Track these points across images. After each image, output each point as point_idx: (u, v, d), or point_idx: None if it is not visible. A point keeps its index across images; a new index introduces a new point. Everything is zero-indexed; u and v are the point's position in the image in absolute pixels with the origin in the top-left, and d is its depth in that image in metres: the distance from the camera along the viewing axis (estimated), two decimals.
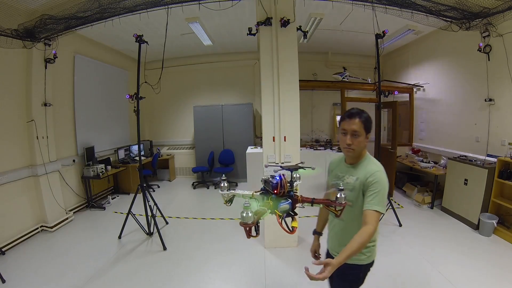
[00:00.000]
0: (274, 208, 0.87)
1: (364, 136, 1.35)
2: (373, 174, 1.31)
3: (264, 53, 3.06)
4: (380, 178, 1.29)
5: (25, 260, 3.10)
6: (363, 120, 1.34)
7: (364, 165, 1.38)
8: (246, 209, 0.78)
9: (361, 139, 1.34)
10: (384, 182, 1.30)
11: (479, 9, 3.06)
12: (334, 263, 1.04)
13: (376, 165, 1.37)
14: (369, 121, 1.37)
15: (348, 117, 1.36)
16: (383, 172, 1.33)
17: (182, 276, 2.78)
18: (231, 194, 0.99)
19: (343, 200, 0.88)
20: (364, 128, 1.34)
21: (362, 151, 1.41)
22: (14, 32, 3.09)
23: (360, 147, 1.36)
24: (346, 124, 1.36)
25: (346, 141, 1.36)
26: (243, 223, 0.77)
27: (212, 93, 7.00)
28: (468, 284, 2.52)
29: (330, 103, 6.99)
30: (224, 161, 6.26)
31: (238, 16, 4.31)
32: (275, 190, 0.88)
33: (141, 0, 3.05)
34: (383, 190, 1.28)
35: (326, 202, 0.91)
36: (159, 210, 3.92)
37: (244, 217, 0.77)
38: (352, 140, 1.34)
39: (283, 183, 0.88)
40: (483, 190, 3.53)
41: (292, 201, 0.91)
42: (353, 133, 1.33)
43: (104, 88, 5.57)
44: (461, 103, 4.43)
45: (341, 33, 5.15)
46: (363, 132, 1.34)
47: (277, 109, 3.07)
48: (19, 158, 3.62)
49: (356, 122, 1.34)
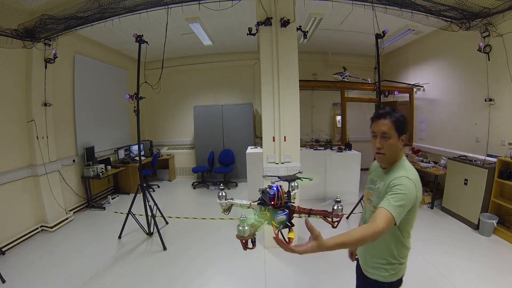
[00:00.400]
0: (271, 219, 0.87)
1: (396, 138, 1.20)
2: (398, 178, 1.16)
3: (264, 53, 3.06)
4: (404, 183, 1.13)
5: (25, 260, 3.10)
6: (394, 120, 1.20)
7: (395, 170, 1.24)
8: (242, 222, 0.78)
9: (392, 142, 1.20)
10: (407, 188, 1.12)
11: (479, 9, 3.06)
12: (322, 242, 0.91)
13: (406, 170, 1.21)
14: (400, 121, 1.21)
15: (377, 118, 1.24)
16: (412, 180, 1.15)
17: (182, 276, 2.78)
18: (229, 203, 1.01)
19: (339, 212, 0.89)
20: (396, 129, 1.20)
21: (397, 155, 1.25)
22: (14, 32, 3.09)
23: (392, 150, 1.22)
24: (375, 125, 1.24)
25: (376, 144, 1.23)
26: (239, 236, 0.78)
27: (212, 93, 7.00)
28: (468, 284, 2.52)
29: (330, 103, 6.99)
30: (224, 161, 6.26)
31: (238, 16, 4.31)
32: (272, 201, 0.88)
33: (141, 0, 3.05)
34: (404, 196, 1.10)
35: (323, 213, 0.91)
36: (159, 210, 3.92)
37: (240, 230, 0.78)
38: (382, 143, 1.21)
39: (280, 195, 0.89)
40: (483, 190, 3.53)
41: (289, 212, 0.91)
42: (382, 135, 1.21)
43: (104, 88, 5.57)
44: (461, 103, 4.43)
45: (341, 33, 5.15)
46: (395, 133, 1.20)
47: (277, 109, 3.07)
48: (19, 158, 3.62)
49: (386, 123, 1.20)
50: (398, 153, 1.25)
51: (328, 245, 0.94)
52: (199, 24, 4.47)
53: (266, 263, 2.97)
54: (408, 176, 1.16)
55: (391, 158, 1.25)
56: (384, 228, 1.03)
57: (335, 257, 3.14)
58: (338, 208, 0.88)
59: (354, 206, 4.06)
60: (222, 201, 1.00)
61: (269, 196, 0.89)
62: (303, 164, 3.27)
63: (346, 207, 4.99)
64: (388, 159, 1.26)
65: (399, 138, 1.22)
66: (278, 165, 3.13)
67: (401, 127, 1.21)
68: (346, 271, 2.82)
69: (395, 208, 1.07)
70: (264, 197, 0.92)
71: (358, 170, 4.76)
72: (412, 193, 1.13)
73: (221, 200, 1.00)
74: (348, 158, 4.73)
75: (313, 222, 0.92)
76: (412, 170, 1.23)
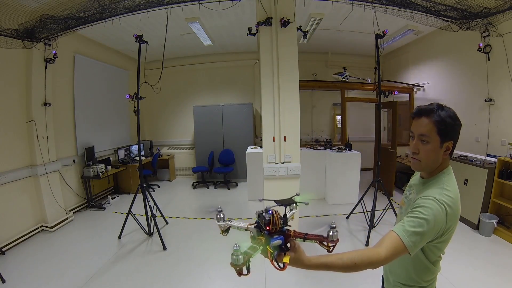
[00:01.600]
0: (266, 244, 0.87)
1: (437, 143, 0.96)
2: (425, 198, 0.95)
3: (264, 53, 3.06)
4: (429, 205, 0.91)
5: (25, 260, 3.10)
6: (437, 120, 0.95)
7: (431, 185, 1.01)
8: (235, 252, 0.80)
9: (431, 148, 0.97)
10: (432, 213, 0.90)
11: (479, 9, 3.06)
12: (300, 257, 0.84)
13: (442, 189, 0.96)
14: (447, 122, 0.95)
15: (416, 115, 1.01)
16: (442, 203, 0.92)
17: (182, 276, 2.78)
18: (227, 225, 1.02)
19: (335, 238, 0.87)
20: (438, 132, 0.95)
21: (437, 164, 1.01)
22: (14, 32, 3.09)
23: (430, 158, 0.99)
24: (414, 124, 1.02)
25: (411, 146, 1.02)
26: (233, 265, 0.79)
27: (212, 93, 7.00)
28: (468, 284, 2.52)
29: (330, 103, 6.99)
30: (224, 161, 6.26)
31: (238, 16, 4.32)
32: (267, 227, 0.89)
33: (141, 0, 3.05)
34: (424, 222, 0.89)
35: (318, 238, 0.90)
36: (159, 210, 3.92)
37: (234, 259, 0.79)
38: (419, 147, 0.99)
39: (276, 220, 0.89)
40: (483, 190, 3.53)
41: (284, 236, 0.91)
42: (420, 137, 0.99)
43: (104, 88, 5.57)
44: (461, 103, 4.43)
45: (341, 33, 5.16)
46: (436, 137, 0.96)
47: (277, 109, 3.07)
48: (19, 158, 3.62)
49: (426, 123, 0.97)
50: (439, 163, 1.01)
51: (310, 263, 0.85)
52: (199, 24, 4.47)
53: (266, 263, 2.96)
54: (439, 198, 0.93)
55: (429, 167, 1.02)
56: (387, 258, 0.87)
57: None
58: (333, 234, 0.87)
59: (354, 206, 4.06)
60: (221, 223, 1.02)
61: (264, 222, 0.90)
62: (303, 164, 3.28)
63: (346, 207, 4.98)
64: (424, 168, 1.03)
65: (441, 145, 0.97)
66: (278, 165, 3.13)
67: (446, 131, 0.95)
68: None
69: (409, 235, 0.88)
70: (260, 221, 0.93)
71: (358, 170, 4.76)
72: (438, 220, 0.90)
73: (219, 222, 1.02)
74: (348, 158, 4.73)
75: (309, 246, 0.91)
76: (450, 189, 0.97)
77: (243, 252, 0.82)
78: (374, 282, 2.54)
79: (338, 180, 4.73)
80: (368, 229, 3.46)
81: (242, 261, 0.80)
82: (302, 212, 4.17)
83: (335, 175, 4.73)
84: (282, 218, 0.92)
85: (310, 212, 4.41)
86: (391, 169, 5.01)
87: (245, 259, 0.81)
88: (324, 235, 0.89)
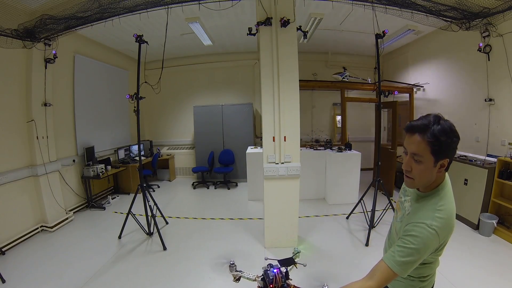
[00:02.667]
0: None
1: (431, 163, 0.90)
2: (416, 224, 0.92)
3: (264, 53, 3.06)
4: (419, 234, 0.90)
5: (25, 260, 3.10)
6: (431, 139, 0.87)
7: (425, 204, 0.98)
8: None
9: (424, 168, 0.91)
10: (422, 242, 0.89)
11: (479, 9, 3.06)
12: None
13: (434, 210, 0.93)
14: (441, 141, 0.87)
15: (409, 131, 0.94)
16: (434, 229, 0.89)
17: (182, 276, 2.78)
18: (238, 275, 1.23)
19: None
20: (432, 152, 0.88)
21: (431, 181, 0.97)
22: (14, 32, 3.09)
23: (423, 178, 0.95)
24: (406, 140, 0.96)
25: (404, 163, 0.98)
26: None
27: (212, 93, 7.00)
28: (468, 284, 2.52)
29: (330, 103, 7.00)
30: (224, 161, 6.26)
31: (238, 16, 4.32)
32: (271, 285, 1.08)
33: (141, 0, 3.05)
34: (414, 252, 0.89)
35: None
36: (159, 210, 3.92)
37: None
38: (411, 165, 0.94)
39: (278, 280, 1.08)
40: (483, 190, 3.53)
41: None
42: (413, 155, 0.93)
43: (104, 88, 5.57)
44: (461, 103, 4.43)
45: (341, 33, 5.16)
46: (429, 157, 0.89)
47: (277, 109, 3.07)
48: (19, 158, 3.62)
49: (418, 140, 0.90)
50: (433, 179, 0.97)
51: None
52: (199, 24, 4.47)
53: (266, 263, 2.96)
54: (430, 224, 0.90)
55: (423, 184, 0.99)
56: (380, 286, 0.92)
57: (336, 256, 3.15)
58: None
59: (354, 206, 4.06)
60: (233, 273, 1.24)
61: (268, 280, 1.09)
62: (303, 164, 3.28)
63: (346, 207, 4.97)
64: (418, 185, 1.00)
65: (435, 164, 0.91)
66: (278, 165, 3.13)
67: (440, 150, 0.88)
68: (346, 270, 2.83)
69: (399, 265, 0.91)
70: (265, 277, 1.13)
71: (358, 170, 4.76)
72: (429, 245, 0.90)
73: (232, 271, 1.24)
74: (348, 158, 4.74)
75: None
76: (443, 208, 0.94)
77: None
78: None
79: (338, 180, 4.73)
80: (368, 229, 3.46)
81: None
82: (302, 212, 4.17)
83: (335, 175, 4.74)
84: (283, 277, 1.11)
85: (310, 212, 4.41)
86: (391, 169, 5.01)
87: None
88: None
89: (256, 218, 4.22)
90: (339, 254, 3.14)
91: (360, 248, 3.27)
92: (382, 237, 3.60)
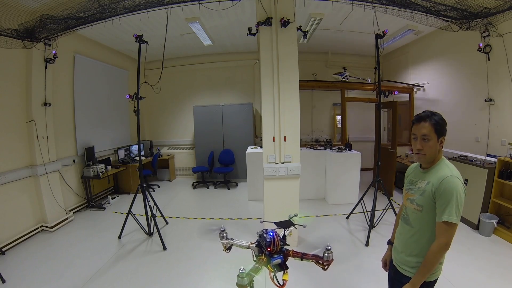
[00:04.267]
0: (267, 263, 0.97)
1: (435, 139, 1.29)
2: (445, 180, 1.23)
3: (264, 53, 3.06)
4: (452, 184, 1.21)
5: (25, 260, 3.10)
6: (433, 123, 1.29)
7: (437, 169, 1.32)
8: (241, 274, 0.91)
9: (432, 143, 1.29)
10: (456, 188, 1.20)
11: (479, 9, 3.06)
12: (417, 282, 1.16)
13: (449, 169, 1.29)
14: (440, 123, 1.30)
15: (417, 121, 1.33)
16: (456, 177, 1.23)
17: (182, 276, 2.78)
18: (229, 243, 1.13)
19: (329, 258, 0.99)
20: (435, 132, 1.29)
21: (436, 155, 1.34)
22: (14, 32, 3.09)
23: (432, 151, 1.31)
24: (416, 128, 1.33)
25: (416, 146, 1.33)
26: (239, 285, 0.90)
27: (212, 93, 7.00)
28: (468, 284, 2.52)
29: (330, 103, 6.99)
30: (224, 161, 6.26)
31: (238, 16, 4.32)
32: (268, 248, 0.98)
33: (141, 0, 3.05)
34: (456, 198, 1.20)
35: (315, 258, 1.00)
36: (159, 210, 3.92)
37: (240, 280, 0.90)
38: (423, 145, 1.31)
39: (276, 242, 0.98)
40: (483, 190, 3.53)
41: (284, 256, 1.01)
42: (423, 137, 1.30)
43: (104, 88, 5.57)
44: (461, 103, 4.43)
45: (341, 33, 5.15)
46: (434, 135, 1.29)
47: (277, 109, 3.07)
48: (19, 158, 3.62)
49: (426, 125, 1.29)
50: (437, 154, 1.33)
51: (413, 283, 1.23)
52: (199, 24, 4.47)
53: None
54: (452, 174, 1.24)
55: (431, 158, 1.33)
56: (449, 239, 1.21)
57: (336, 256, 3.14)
58: (328, 255, 1.00)
59: (354, 206, 4.06)
60: (223, 241, 1.13)
61: (266, 243, 0.99)
62: (303, 164, 3.28)
63: (346, 207, 4.96)
64: (428, 159, 1.34)
65: (438, 140, 1.30)
66: (278, 165, 3.13)
67: (440, 130, 1.29)
68: (346, 271, 2.82)
69: (452, 215, 1.18)
70: (261, 241, 1.02)
71: (358, 170, 4.76)
72: (459, 188, 1.21)
73: (222, 240, 1.13)
74: (348, 158, 4.74)
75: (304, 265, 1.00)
76: (452, 166, 1.30)
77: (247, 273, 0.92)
78: (377, 283, 2.55)
79: (338, 180, 4.73)
80: (368, 229, 3.46)
81: (247, 282, 0.90)
82: (301, 212, 4.16)
83: (335, 175, 4.74)
84: (281, 239, 1.01)
85: (311, 212, 4.41)
86: (391, 169, 5.01)
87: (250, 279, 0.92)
88: (320, 255, 1.01)
89: (256, 218, 4.22)
90: (339, 254, 3.13)
91: (360, 248, 3.27)
92: (382, 237, 3.61)
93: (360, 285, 2.57)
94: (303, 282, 2.65)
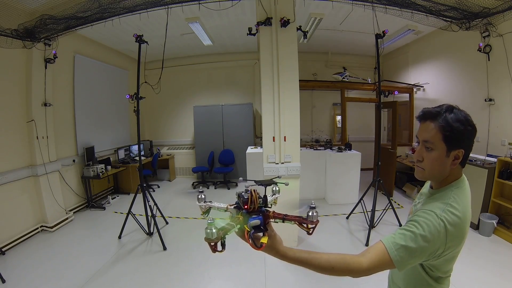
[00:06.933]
0: (244, 223, 0.85)
1: (442, 151, 0.85)
2: (425, 211, 0.84)
3: (264, 53, 3.06)
4: (426, 220, 0.81)
5: (25, 260, 3.09)
6: (443, 125, 0.83)
7: (437, 198, 0.89)
8: (209, 225, 0.77)
9: (435, 156, 0.86)
10: (428, 229, 0.79)
11: (479, 9, 3.06)
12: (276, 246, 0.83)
13: (446, 204, 0.84)
14: (454, 127, 0.82)
15: (421, 119, 0.91)
16: (443, 220, 0.80)
17: (182, 276, 2.78)
18: (207, 206, 0.99)
19: (314, 218, 0.82)
20: (444, 139, 0.83)
21: (445, 174, 0.89)
22: (14, 32, 3.09)
23: (434, 168, 0.88)
24: (419, 129, 0.92)
25: (415, 153, 0.93)
26: (207, 239, 0.76)
27: (212, 93, 7.00)
28: (468, 284, 2.51)
29: (330, 103, 6.99)
30: (224, 161, 6.26)
31: (238, 16, 4.31)
32: (245, 205, 0.87)
33: (141, 0, 3.05)
34: (415, 238, 0.79)
35: (297, 220, 0.86)
36: (159, 210, 3.92)
37: (208, 233, 0.76)
38: (423, 154, 0.89)
39: (254, 199, 0.86)
40: (483, 190, 3.53)
41: (264, 216, 0.89)
42: (424, 143, 0.89)
43: (104, 88, 5.57)
44: (461, 103, 4.38)
45: (341, 33, 5.15)
46: (441, 145, 0.84)
47: (277, 109, 3.07)
48: (19, 158, 3.62)
49: (430, 128, 0.86)
50: (446, 173, 0.89)
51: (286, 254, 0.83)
52: (199, 24, 4.47)
53: (266, 263, 2.97)
54: (440, 214, 0.81)
55: (434, 177, 0.92)
56: (369, 269, 0.81)
57: None
58: (313, 214, 0.83)
59: (354, 206, 4.06)
60: (201, 204, 0.99)
61: (242, 201, 0.87)
62: (303, 164, 3.28)
63: (346, 207, 4.96)
64: (428, 177, 0.93)
65: (448, 153, 0.85)
66: (278, 165, 3.13)
67: (453, 137, 0.83)
68: None
69: (397, 249, 0.80)
70: (239, 200, 0.90)
71: (358, 170, 4.76)
72: (435, 239, 0.79)
73: (200, 202, 0.99)
74: (348, 158, 4.73)
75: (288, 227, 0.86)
76: (457, 206, 0.84)
77: (219, 227, 0.79)
78: (377, 285, 2.55)
79: (338, 180, 4.73)
80: (368, 229, 3.46)
81: (217, 236, 0.77)
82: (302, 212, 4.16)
83: (335, 175, 4.73)
84: (261, 197, 0.89)
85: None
86: (391, 169, 5.01)
87: (219, 234, 0.78)
88: (304, 216, 0.85)
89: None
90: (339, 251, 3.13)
91: (360, 248, 3.27)
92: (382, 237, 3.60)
93: (360, 285, 2.57)
94: (303, 282, 2.65)
